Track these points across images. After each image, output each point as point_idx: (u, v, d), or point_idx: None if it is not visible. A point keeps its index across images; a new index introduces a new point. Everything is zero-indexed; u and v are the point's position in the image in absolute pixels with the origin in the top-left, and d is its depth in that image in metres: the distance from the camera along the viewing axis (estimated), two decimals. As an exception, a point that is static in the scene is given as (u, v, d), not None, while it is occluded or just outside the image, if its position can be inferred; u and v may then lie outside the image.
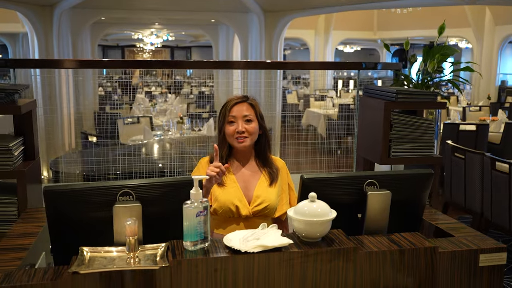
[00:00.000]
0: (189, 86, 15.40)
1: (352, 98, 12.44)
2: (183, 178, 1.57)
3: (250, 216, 2.10)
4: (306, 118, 10.44)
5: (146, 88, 14.28)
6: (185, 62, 6.22)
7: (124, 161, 3.10)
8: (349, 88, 15.17)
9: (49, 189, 1.47)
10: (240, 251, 1.37)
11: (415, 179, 1.71)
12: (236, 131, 2.11)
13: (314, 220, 1.45)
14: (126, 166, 2.96)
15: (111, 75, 16.72)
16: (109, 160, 3.11)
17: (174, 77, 15.90)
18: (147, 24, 13.56)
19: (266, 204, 2.10)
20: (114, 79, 16.38)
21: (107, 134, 5.45)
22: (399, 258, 1.49)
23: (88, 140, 5.70)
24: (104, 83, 15.46)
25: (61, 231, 1.52)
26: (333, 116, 9.72)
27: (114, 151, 4.48)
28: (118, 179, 3.03)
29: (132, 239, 1.37)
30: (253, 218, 2.11)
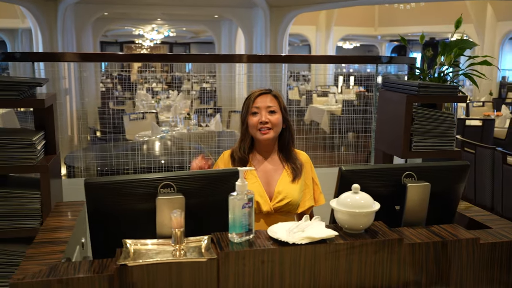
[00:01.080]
0: (189, 82, 15.37)
1: (355, 94, 12.45)
2: (224, 170, 1.56)
3: (272, 212, 2.08)
4: (309, 114, 10.44)
5: (147, 85, 14.24)
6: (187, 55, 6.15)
7: (140, 156, 3.08)
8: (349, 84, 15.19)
9: (91, 182, 1.46)
10: (287, 243, 1.36)
11: (452, 170, 1.71)
12: (259, 122, 2.09)
13: (358, 211, 1.44)
14: (145, 161, 2.94)
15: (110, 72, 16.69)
16: (127, 155, 3.09)
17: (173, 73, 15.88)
18: (149, 20, 13.50)
19: (288, 201, 2.08)
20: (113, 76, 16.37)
21: (113, 130, 5.43)
22: (441, 249, 1.49)
23: (98, 136, 5.68)
24: (104, 79, 15.41)
25: (101, 224, 1.51)
26: (337, 112, 9.73)
27: (126, 146, 4.47)
28: (137, 173, 3.02)
29: (178, 231, 1.36)
30: (274, 214, 2.09)
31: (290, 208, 2.10)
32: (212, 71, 8.52)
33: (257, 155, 2.18)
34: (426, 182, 1.62)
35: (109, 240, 1.51)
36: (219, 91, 11.35)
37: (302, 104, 12.02)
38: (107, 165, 3.03)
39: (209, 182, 1.53)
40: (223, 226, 1.52)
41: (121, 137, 5.35)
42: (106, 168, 3.17)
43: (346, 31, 16.02)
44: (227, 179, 1.54)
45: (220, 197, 1.54)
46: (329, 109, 9.73)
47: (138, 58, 5.91)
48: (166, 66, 18.73)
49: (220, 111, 7.71)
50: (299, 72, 18.80)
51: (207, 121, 6.49)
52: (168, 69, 18.17)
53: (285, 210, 2.10)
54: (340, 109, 9.74)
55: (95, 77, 10.03)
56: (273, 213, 2.09)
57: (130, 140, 5.91)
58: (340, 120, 7.03)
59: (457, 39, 3.16)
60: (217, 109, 7.86)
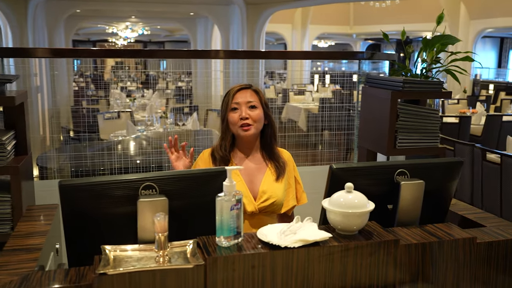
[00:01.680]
0: (164, 81, 15.17)
1: (331, 92, 12.47)
2: (209, 170, 1.47)
3: (256, 213, 2.00)
4: (286, 112, 10.40)
5: (121, 83, 14.01)
6: (162, 51, 5.93)
7: (116, 156, 2.96)
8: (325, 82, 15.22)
9: (66, 184, 1.35)
10: (279, 246, 1.28)
11: (446, 168, 1.65)
12: (239, 118, 2.00)
13: (352, 211, 1.37)
14: (122, 161, 2.82)
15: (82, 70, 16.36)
16: (102, 155, 2.96)
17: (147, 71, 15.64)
18: (123, 18, 13.24)
19: (273, 200, 2.00)
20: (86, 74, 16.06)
21: (87, 129, 5.27)
22: (438, 250, 1.43)
23: (71, 135, 5.50)
24: (77, 78, 15.08)
25: (77, 229, 1.40)
26: (314, 110, 9.71)
27: (101, 146, 4.33)
28: (114, 174, 2.90)
29: (162, 236, 1.26)
30: (258, 215, 2.01)
31: (274, 208, 2.03)
32: (188, 69, 8.38)
33: (238, 153, 2.09)
34: (420, 180, 1.56)
35: (86, 246, 1.41)
36: (195, 89, 11.20)
37: (279, 102, 11.97)
38: (82, 165, 2.90)
39: (194, 182, 1.44)
40: (209, 229, 1.43)
41: (96, 136, 5.20)
42: (80, 169, 3.03)
43: (322, 30, 16.04)
44: (213, 179, 1.45)
45: (205, 198, 1.46)
46: (306, 107, 9.71)
47: (112, 53, 5.66)
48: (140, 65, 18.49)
49: (197, 109, 7.59)
50: (274, 71, 18.78)
51: (184, 119, 6.36)
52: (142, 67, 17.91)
53: (270, 210, 2.03)
54: (317, 107, 9.73)
55: (68, 75, 9.79)
56: (257, 214, 2.01)
57: (105, 139, 5.75)
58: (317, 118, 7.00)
59: (439, 35, 3.13)
60: (193, 107, 7.73)
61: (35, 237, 1.52)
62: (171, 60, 9.25)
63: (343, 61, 25.97)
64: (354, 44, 21.29)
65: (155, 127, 6.27)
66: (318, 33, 16.03)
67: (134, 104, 8.13)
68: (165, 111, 6.61)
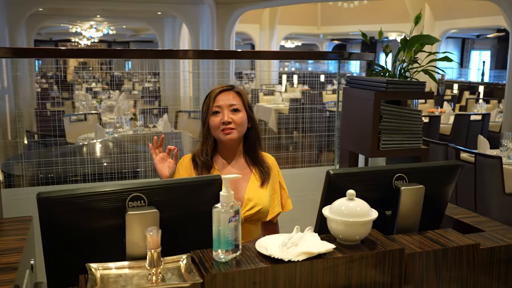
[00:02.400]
0: (130, 82, 14.87)
1: (300, 92, 12.47)
2: (202, 178, 1.37)
3: (242, 221, 1.91)
4: (256, 112, 10.31)
5: (86, 84, 13.65)
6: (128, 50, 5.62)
7: (90, 160, 2.81)
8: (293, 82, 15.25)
9: (45, 196, 1.23)
10: (281, 260, 1.19)
11: (443, 171, 1.60)
12: (221, 122, 1.89)
13: (355, 220, 1.30)
14: (95, 166, 2.67)
15: (44, 71, 15.86)
16: (74, 161, 2.81)
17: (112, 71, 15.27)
18: (88, 17, 12.86)
19: (259, 208, 1.91)
20: (48, 75, 15.57)
21: (53, 133, 5.06)
22: (442, 257, 1.37)
23: (36, 140, 5.27)
24: (39, 79, 14.62)
25: (58, 246, 1.28)
26: (284, 110, 9.67)
27: (70, 150, 4.15)
28: (87, 181, 2.75)
29: (154, 252, 1.16)
30: (244, 224, 1.92)
31: (260, 216, 1.93)
32: (154, 70, 8.18)
33: (221, 158, 1.98)
34: (419, 184, 1.50)
35: (68, 263, 1.29)
36: (163, 90, 10.99)
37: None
38: (52, 171, 2.74)
39: (186, 192, 1.33)
40: (201, 242, 1.34)
41: (63, 140, 4.99)
42: (51, 175, 2.86)
43: (290, 30, 16.05)
44: (205, 188, 1.35)
45: (197, 209, 1.36)
46: (277, 107, 9.66)
47: (76, 53, 5.36)
48: (104, 65, 18.07)
49: (167, 111, 7.42)
50: (241, 71, 18.70)
51: (155, 121, 6.20)
52: (107, 68, 17.51)
53: (255, 218, 1.93)
54: (287, 107, 9.70)
55: (30, 76, 9.45)
56: (243, 222, 1.91)
57: (72, 143, 5.53)
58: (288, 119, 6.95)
59: (418, 35, 3.11)
60: (163, 109, 7.56)
61: (9, 255, 1.39)
62: (137, 60, 9.03)
63: (309, 61, 26.14)
64: (320, 44, 21.42)
65: (124, 130, 6.09)
66: (286, 33, 16.03)
67: (101, 105, 7.90)
68: (135, 112, 6.42)
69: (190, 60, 6.62)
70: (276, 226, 2.08)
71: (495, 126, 7.67)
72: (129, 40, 23.35)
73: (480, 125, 7.14)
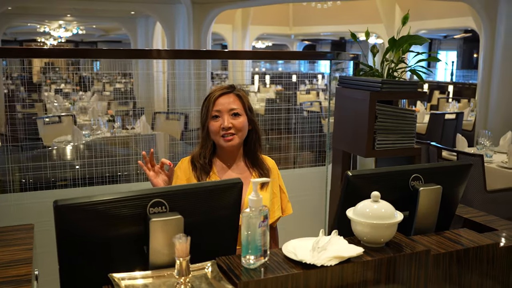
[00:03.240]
0: (100, 83, 14.59)
1: (274, 92, 12.49)
2: (224, 182, 1.32)
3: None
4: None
5: (55, 86, 13.32)
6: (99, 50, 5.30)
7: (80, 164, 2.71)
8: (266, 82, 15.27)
9: (62, 204, 1.17)
10: (313, 265, 1.16)
11: (457, 171, 1.60)
12: (221, 128, 1.84)
13: (381, 223, 1.28)
14: (82, 170, 2.58)
15: (9, 72, 15.39)
16: (61, 165, 2.71)
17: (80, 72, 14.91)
18: (57, 16, 12.51)
19: None
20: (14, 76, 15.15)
21: (26, 136, 4.89)
22: (464, 257, 1.37)
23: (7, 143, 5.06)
24: (5, 80, 14.16)
25: (75, 256, 1.22)
26: (260, 111, 9.65)
27: (48, 153, 4.02)
28: (69, 186, 2.65)
29: (183, 260, 1.11)
30: None
31: None
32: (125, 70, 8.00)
33: (220, 162, 1.92)
34: (437, 184, 1.50)
35: (85, 273, 1.23)
36: (137, 91, 10.80)
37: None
38: (41, 177, 2.62)
39: (207, 197, 1.29)
40: (221, 248, 1.31)
41: (40, 143, 4.84)
42: (39, 180, 2.71)
43: (262, 30, 16.06)
44: (226, 191, 1.31)
45: (218, 214, 1.32)
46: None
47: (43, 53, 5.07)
48: (72, 66, 17.61)
49: (142, 112, 7.30)
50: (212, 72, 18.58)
51: (133, 123, 6.08)
52: (74, 68, 17.07)
53: None
54: (263, 107, 9.68)
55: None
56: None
57: (48, 146, 5.37)
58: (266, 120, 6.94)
59: (407, 35, 3.13)
60: (140, 110, 7.43)
61: (19, 267, 1.31)
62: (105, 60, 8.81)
63: (279, 62, 26.23)
64: (291, 44, 21.52)
65: (101, 132, 5.95)
66: (258, 33, 16.03)
67: (74, 107, 7.71)
68: (112, 114, 6.28)
69: (165, 60, 6.51)
70: (275, 232, 2.04)
71: (468, 125, 7.85)
72: (97, 40, 22.91)
73: (454, 124, 7.29)
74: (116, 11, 10.98)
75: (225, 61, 12.94)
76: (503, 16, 6.87)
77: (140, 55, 4.84)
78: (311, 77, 16.08)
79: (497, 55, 6.93)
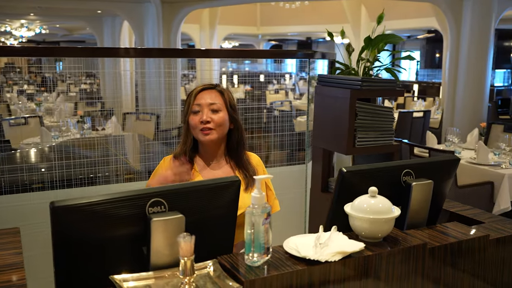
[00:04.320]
0: (64, 83, 14.26)
1: (243, 92, 12.49)
2: (223, 180, 1.31)
3: None
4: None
5: (17, 86, 12.93)
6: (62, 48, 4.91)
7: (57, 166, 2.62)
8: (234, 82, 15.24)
9: (60, 205, 1.13)
10: (316, 261, 1.17)
11: (445, 166, 1.63)
12: (200, 122, 1.83)
13: (378, 217, 1.30)
14: (63, 173, 2.50)
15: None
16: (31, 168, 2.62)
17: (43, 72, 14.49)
18: (20, 15, 12.12)
19: (241, 211, 1.86)
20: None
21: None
22: (457, 250, 1.40)
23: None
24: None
25: (72, 259, 1.18)
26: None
27: (20, 156, 3.91)
28: (48, 188, 2.56)
29: (188, 260, 1.09)
30: None
31: (244, 220, 1.88)
32: (91, 70, 7.82)
33: (201, 160, 1.92)
34: (428, 179, 1.53)
35: (81, 275, 1.20)
36: (104, 92, 10.60)
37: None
38: (16, 180, 2.53)
39: (207, 195, 1.27)
40: (220, 246, 1.29)
41: (7, 146, 4.68)
42: (15, 183, 2.61)
43: (230, 30, 16.02)
44: (225, 190, 1.30)
45: (216, 212, 1.31)
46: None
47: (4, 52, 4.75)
48: (33, 67, 17.10)
49: (111, 112, 7.17)
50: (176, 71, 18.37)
51: (103, 123, 5.96)
52: (36, 68, 16.62)
53: (239, 222, 1.88)
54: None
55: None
56: None
57: (16, 148, 5.21)
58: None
59: (382, 34, 3.18)
60: (109, 111, 7.29)
61: (10, 272, 1.26)
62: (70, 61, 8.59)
63: (246, 61, 26.24)
64: (257, 45, 21.55)
65: (71, 133, 5.81)
66: (226, 33, 15.99)
67: (40, 108, 7.50)
68: (82, 115, 6.15)
69: (133, 59, 6.41)
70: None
71: (434, 123, 8.04)
72: (59, 40, 22.38)
73: (422, 122, 7.45)
74: (81, 10, 10.73)
75: (192, 61, 12.85)
76: (468, 16, 7.07)
77: (108, 54, 4.73)
78: (279, 76, 16.15)
79: (463, 54, 7.13)
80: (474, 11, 6.94)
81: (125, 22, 10.95)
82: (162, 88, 6.32)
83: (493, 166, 4.27)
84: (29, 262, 1.73)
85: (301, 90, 15.28)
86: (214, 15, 14.15)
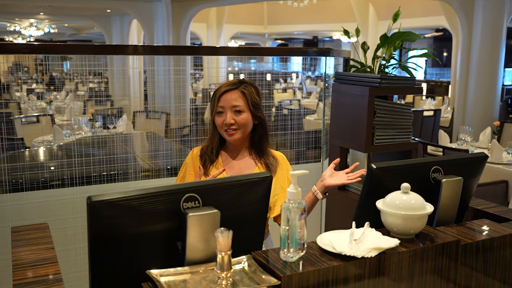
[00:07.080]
0: (71, 82, 14.30)
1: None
2: (256, 176, 1.31)
3: None
4: (208, 112, 10.19)
5: (26, 86, 12.98)
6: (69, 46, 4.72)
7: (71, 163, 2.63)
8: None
9: (97, 200, 1.13)
10: (352, 257, 1.16)
11: (474, 163, 1.63)
12: (224, 123, 1.88)
13: (412, 214, 1.29)
14: (80, 171, 2.51)
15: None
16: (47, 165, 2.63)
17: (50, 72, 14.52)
18: (29, 14, 12.16)
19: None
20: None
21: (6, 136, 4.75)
22: (489, 248, 1.39)
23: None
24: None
25: (108, 254, 1.18)
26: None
27: (34, 154, 3.92)
28: (66, 185, 2.57)
29: (225, 254, 1.09)
30: None
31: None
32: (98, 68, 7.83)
33: (226, 153, 1.98)
34: (457, 176, 1.52)
35: (116, 270, 1.20)
36: (112, 90, 10.62)
37: (199, 102, 11.72)
38: (36, 177, 2.54)
39: (240, 190, 1.27)
40: (253, 241, 1.29)
41: (21, 143, 4.71)
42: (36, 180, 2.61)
43: (237, 29, 16.02)
44: (257, 185, 1.30)
45: (249, 208, 1.31)
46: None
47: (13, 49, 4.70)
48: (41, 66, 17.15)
49: (121, 111, 7.19)
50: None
51: (115, 122, 5.98)
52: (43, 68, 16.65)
53: None
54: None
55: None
56: None
57: (28, 146, 5.23)
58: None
59: (399, 32, 3.17)
60: (118, 109, 7.31)
61: (46, 266, 1.27)
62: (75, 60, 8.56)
63: (252, 60, 26.23)
64: (263, 43, 21.54)
65: (83, 131, 5.83)
66: (233, 32, 15.99)
67: (51, 107, 7.53)
68: (93, 113, 6.17)
69: (141, 57, 6.42)
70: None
71: (444, 121, 8.00)
72: (67, 39, 22.45)
73: (432, 121, 7.42)
74: (91, 9, 10.75)
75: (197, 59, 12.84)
76: (479, 15, 7.04)
77: (117, 51, 4.71)
78: (285, 75, 16.14)
79: (474, 53, 7.09)
80: (486, 9, 6.90)
81: (134, 21, 10.97)
82: (172, 86, 6.33)
83: (507, 164, 4.25)
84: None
85: (308, 89, 15.27)
86: (221, 14, 14.15)
